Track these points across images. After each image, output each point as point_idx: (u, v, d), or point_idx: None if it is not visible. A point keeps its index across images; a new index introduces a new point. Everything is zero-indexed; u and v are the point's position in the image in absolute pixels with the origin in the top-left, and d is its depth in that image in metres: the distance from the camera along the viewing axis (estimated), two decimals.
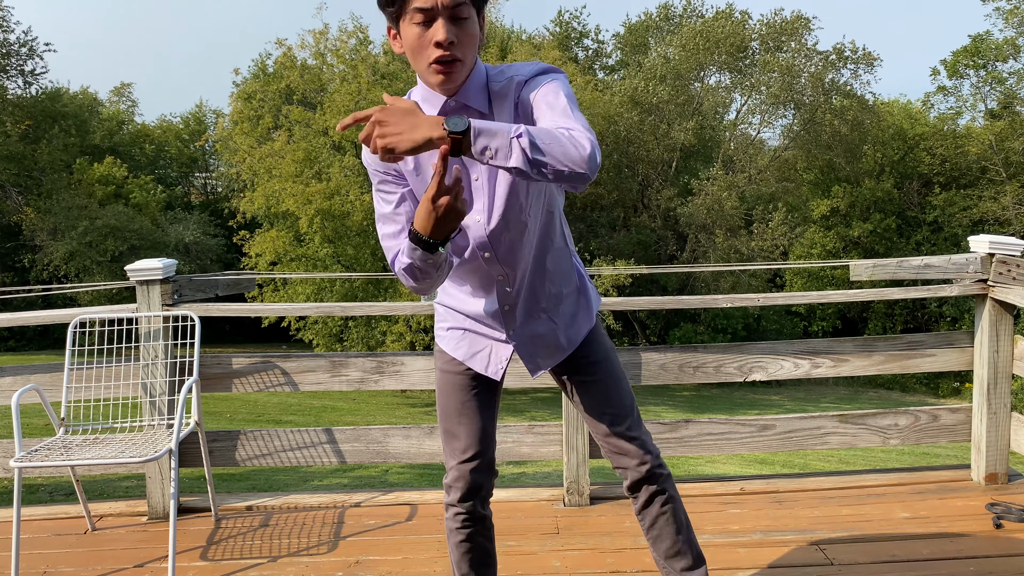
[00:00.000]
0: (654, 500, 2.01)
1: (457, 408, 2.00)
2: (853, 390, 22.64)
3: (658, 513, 2.01)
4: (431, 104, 1.75)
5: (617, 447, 2.00)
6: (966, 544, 2.75)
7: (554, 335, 1.99)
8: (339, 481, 8.15)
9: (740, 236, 24.30)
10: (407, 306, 3.42)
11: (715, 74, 26.60)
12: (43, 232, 23.41)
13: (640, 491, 2.01)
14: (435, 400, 2.08)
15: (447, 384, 2.03)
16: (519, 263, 1.88)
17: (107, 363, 3.15)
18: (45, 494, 6.69)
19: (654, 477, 1.99)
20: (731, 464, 10.34)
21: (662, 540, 2.03)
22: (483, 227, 1.80)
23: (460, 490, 1.97)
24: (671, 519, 2.02)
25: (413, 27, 1.66)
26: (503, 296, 1.93)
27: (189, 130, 33.44)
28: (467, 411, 2.00)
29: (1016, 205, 23.78)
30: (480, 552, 2.03)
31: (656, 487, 2.00)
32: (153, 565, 2.76)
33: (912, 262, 3.30)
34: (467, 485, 1.97)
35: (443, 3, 1.62)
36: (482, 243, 1.82)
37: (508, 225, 1.81)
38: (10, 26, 23.62)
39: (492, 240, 1.82)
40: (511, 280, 1.90)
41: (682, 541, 2.02)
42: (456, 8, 1.63)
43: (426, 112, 1.70)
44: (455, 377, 2.02)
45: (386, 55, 21.26)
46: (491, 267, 1.87)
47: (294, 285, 18.98)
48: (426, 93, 1.76)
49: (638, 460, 1.99)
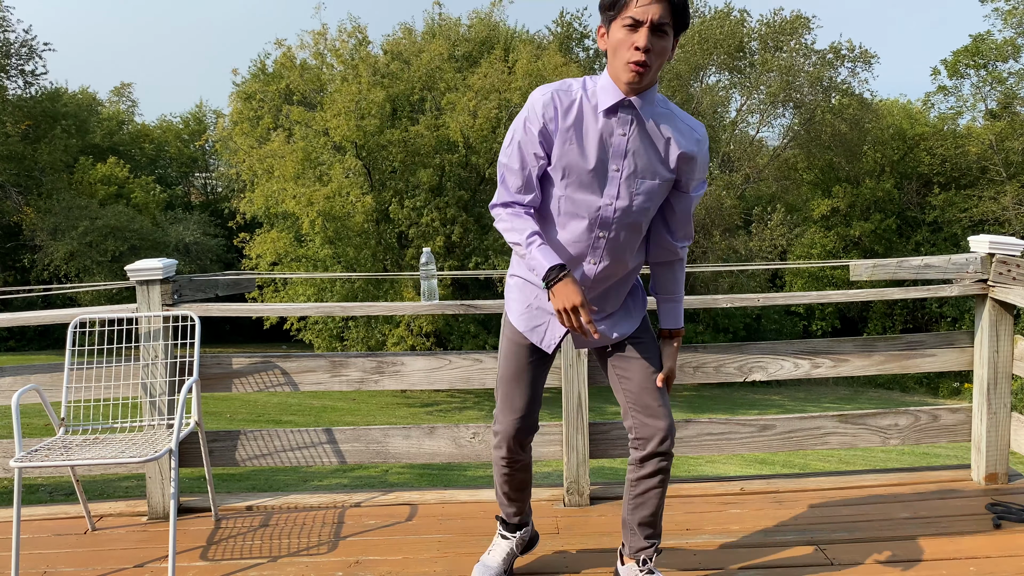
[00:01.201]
0: (656, 475, 2.30)
1: (515, 374, 2.35)
2: (853, 390, 22.64)
3: (653, 486, 2.32)
4: (609, 95, 2.06)
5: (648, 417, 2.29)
6: (966, 544, 2.75)
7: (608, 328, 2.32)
8: (339, 481, 8.16)
9: (739, 236, 24.29)
10: (407, 306, 3.42)
11: (714, 74, 26.61)
12: (43, 232, 23.40)
13: (649, 462, 2.30)
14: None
15: (510, 351, 2.36)
16: (615, 254, 2.20)
17: (107, 363, 3.15)
18: (45, 494, 6.69)
19: (667, 455, 2.29)
20: (731, 464, 10.35)
21: (644, 508, 2.35)
22: (611, 210, 2.14)
23: (505, 440, 2.38)
24: (658, 496, 2.33)
25: (622, 30, 1.99)
26: (583, 278, 2.22)
27: (189, 130, 33.43)
28: (523, 378, 2.34)
29: (1016, 205, 23.77)
30: (516, 480, 2.49)
31: (665, 464, 2.29)
32: (153, 565, 2.76)
33: (912, 262, 3.30)
34: (511, 438, 2.37)
35: (653, 18, 1.95)
36: (605, 222, 2.15)
37: (628, 219, 2.15)
38: (11, 26, 23.63)
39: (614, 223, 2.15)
40: (598, 265, 2.21)
41: (657, 516, 2.36)
42: (661, 25, 1.97)
43: (601, 102, 2.07)
44: (517, 346, 2.34)
45: (386, 55, 21.24)
46: (593, 248, 2.18)
47: (294, 286, 18.97)
48: (608, 85, 2.06)
49: (662, 435, 2.27)
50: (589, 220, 2.15)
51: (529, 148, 2.12)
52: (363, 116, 18.12)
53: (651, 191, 2.13)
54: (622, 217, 2.14)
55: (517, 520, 2.60)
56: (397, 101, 19.49)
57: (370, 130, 18.09)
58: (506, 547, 2.59)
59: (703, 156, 2.17)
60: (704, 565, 2.66)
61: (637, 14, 1.94)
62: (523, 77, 18.72)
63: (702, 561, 2.68)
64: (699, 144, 2.15)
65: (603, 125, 2.08)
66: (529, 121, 2.11)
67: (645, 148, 2.10)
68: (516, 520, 2.60)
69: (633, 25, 1.96)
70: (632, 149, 2.10)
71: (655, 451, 2.28)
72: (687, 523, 3.00)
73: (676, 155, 2.12)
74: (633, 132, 2.09)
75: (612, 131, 2.08)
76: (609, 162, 2.10)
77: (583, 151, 2.09)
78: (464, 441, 3.29)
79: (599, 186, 2.11)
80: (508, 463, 2.42)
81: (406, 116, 19.50)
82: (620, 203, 2.13)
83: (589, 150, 2.09)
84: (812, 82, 24.94)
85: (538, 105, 2.09)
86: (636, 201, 2.13)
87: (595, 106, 2.08)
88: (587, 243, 2.18)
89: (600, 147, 2.09)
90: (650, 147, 2.11)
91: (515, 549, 2.60)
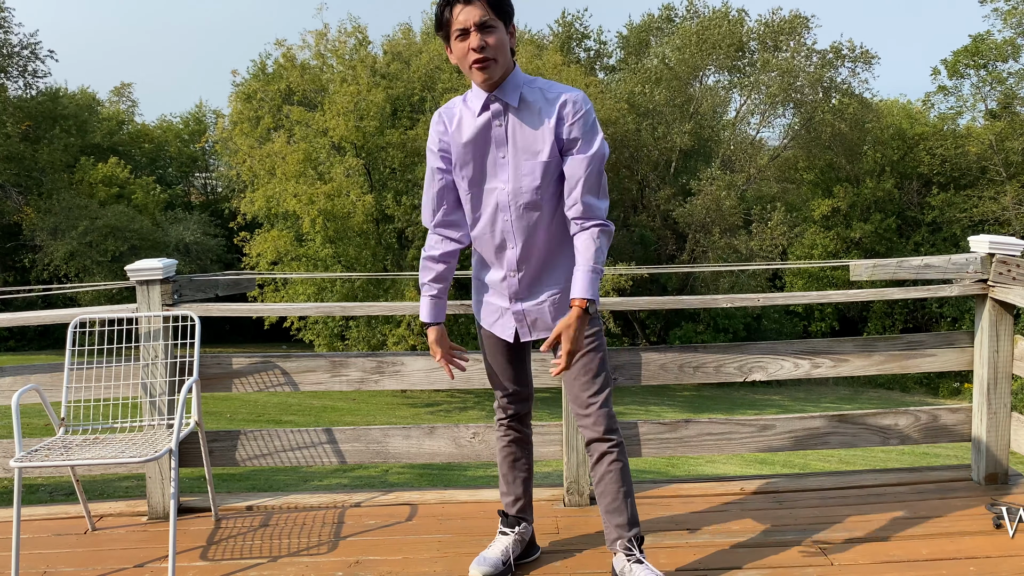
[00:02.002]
0: (602, 460, 2.48)
1: (490, 358, 2.62)
2: (853, 390, 22.64)
3: (603, 472, 2.47)
4: (477, 98, 2.36)
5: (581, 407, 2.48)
6: (966, 544, 2.75)
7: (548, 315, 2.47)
8: (339, 481, 8.16)
9: (739, 236, 24.28)
10: (407, 306, 3.42)
11: (714, 74, 26.60)
12: (43, 232, 23.39)
13: (593, 448, 2.49)
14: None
15: (482, 341, 2.64)
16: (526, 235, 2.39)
17: (107, 363, 3.15)
18: (45, 494, 6.69)
19: (604, 440, 2.46)
20: (731, 464, 10.35)
21: (604, 496, 2.48)
22: (505, 194, 2.37)
23: (500, 413, 2.69)
24: (614, 481, 2.46)
25: (457, 42, 2.28)
26: (508, 264, 2.43)
27: (189, 130, 33.42)
28: (497, 362, 2.61)
29: (1016, 205, 23.77)
30: (513, 457, 2.71)
31: (605, 448, 2.47)
32: (153, 565, 2.76)
33: (912, 262, 3.30)
34: (503, 411, 2.68)
35: (474, 22, 2.23)
36: (503, 206, 2.38)
37: (522, 199, 2.36)
38: (11, 27, 23.62)
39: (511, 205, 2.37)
40: (516, 248, 2.41)
41: (621, 500, 2.46)
42: (483, 24, 2.23)
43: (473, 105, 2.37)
44: (486, 337, 2.60)
45: (386, 55, 21.25)
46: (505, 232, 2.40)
47: (295, 285, 18.97)
48: (476, 90, 2.37)
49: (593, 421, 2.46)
50: (492, 207, 2.40)
51: (433, 165, 2.46)
52: (362, 117, 18.11)
53: (534, 169, 2.33)
54: (515, 198, 2.36)
55: (515, 511, 2.72)
56: (397, 102, 19.48)
57: (369, 131, 18.08)
58: (504, 542, 2.67)
59: (577, 115, 2.30)
60: (704, 565, 2.66)
61: (460, 23, 2.24)
62: None
63: (702, 561, 2.68)
64: (568, 105, 2.31)
65: (481, 122, 2.36)
66: (429, 144, 2.46)
67: (523, 130, 2.34)
68: (514, 510, 2.72)
69: (462, 34, 2.25)
70: (511, 134, 2.35)
71: (592, 438, 2.48)
72: (687, 523, 3.00)
73: (551, 121, 2.31)
74: (508, 120, 2.35)
75: (490, 125, 2.36)
76: (496, 151, 2.37)
77: (472, 149, 2.38)
78: (464, 441, 3.29)
79: (493, 175, 2.38)
80: (506, 434, 2.70)
81: (406, 116, 19.49)
82: (511, 185, 2.36)
83: (476, 147, 2.38)
84: (812, 82, 24.93)
85: (431, 128, 2.46)
86: (524, 182, 2.34)
87: (472, 110, 2.38)
88: (500, 229, 2.41)
89: (483, 141, 2.37)
90: (527, 126, 2.34)
91: (514, 545, 2.67)
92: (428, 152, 2.47)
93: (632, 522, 2.46)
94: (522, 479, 2.72)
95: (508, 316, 2.50)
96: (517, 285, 2.45)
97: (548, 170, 2.33)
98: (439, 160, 2.43)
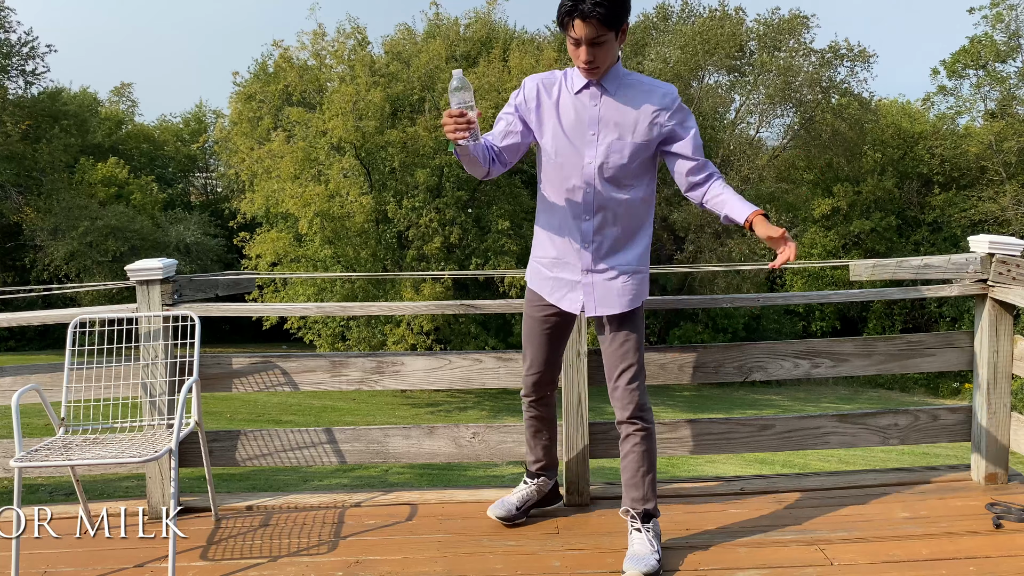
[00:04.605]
0: (627, 440, 2.67)
1: (528, 338, 2.82)
2: (853, 390, 22.63)
3: (627, 451, 2.68)
4: (579, 79, 2.58)
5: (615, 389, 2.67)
6: (966, 544, 2.75)
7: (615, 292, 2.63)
8: (339, 481, 8.16)
9: (737, 237, 24.26)
10: (407, 306, 3.42)
11: (713, 74, 26.58)
12: (43, 232, 23.37)
13: (621, 428, 2.69)
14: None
15: (526, 320, 2.83)
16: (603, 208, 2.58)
17: (107, 363, 3.14)
18: (45, 494, 6.69)
19: (632, 422, 2.65)
20: (731, 464, 10.35)
21: (625, 471, 2.69)
22: (592, 168, 2.57)
23: (525, 389, 2.90)
24: (634, 460, 2.66)
25: (572, 46, 2.49)
26: (582, 233, 2.61)
27: (189, 130, 33.39)
28: (533, 342, 2.81)
29: (1015, 205, 23.76)
30: (534, 429, 2.97)
31: (631, 430, 2.66)
32: (153, 565, 2.76)
33: (912, 262, 3.30)
34: (528, 389, 2.89)
35: (588, 37, 2.42)
36: (588, 178, 2.57)
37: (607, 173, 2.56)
38: (11, 26, 23.61)
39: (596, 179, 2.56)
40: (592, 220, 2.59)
41: (639, 478, 2.66)
42: (596, 39, 2.43)
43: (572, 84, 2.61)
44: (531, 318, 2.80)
45: (386, 55, 21.23)
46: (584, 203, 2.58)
47: (294, 286, 18.96)
48: (578, 72, 2.58)
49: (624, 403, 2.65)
50: (575, 179, 2.58)
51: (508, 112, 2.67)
52: (361, 117, 18.10)
53: (622, 148, 2.55)
54: (600, 173, 2.56)
55: (535, 468, 3.03)
56: (397, 102, 19.46)
57: (368, 131, 18.07)
58: (523, 491, 3.02)
59: (676, 106, 2.58)
60: (704, 565, 2.66)
61: (576, 35, 2.43)
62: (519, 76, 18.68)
63: (702, 561, 2.68)
64: (664, 98, 2.58)
65: (577, 101, 2.59)
66: (516, 97, 2.66)
67: (617, 111, 2.56)
68: (535, 468, 3.03)
69: (576, 42, 2.45)
70: (604, 115, 2.56)
71: (620, 419, 2.68)
72: (687, 523, 3.00)
73: (646, 108, 2.55)
74: (603, 102, 2.56)
75: (586, 105, 2.57)
76: (587, 128, 2.57)
77: (564, 122, 2.59)
78: (464, 441, 3.29)
79: (581, 150, 2.57)
80: (530, 409, 2.93)
81: (406, 116, 19.47)
82: (598, 160, 2.56)
83: (568, 121, 2.59)
84: (811, 82, 24.91)
85: (525, 87, 2.66)
86: (612, 159, 2.55)
87: (571, 87, 2.60)
88: (581, 200, 2.59)
89: (577, 117, 2.58)
90: (621, 110, 2.56)
91: (530, 494, 3.01)
92: (511, 100, 2.66)
93: (644, 498, 2.66)
94: (543, 445, 3.00)
95: (578, 289, 2.65)
96: (590, 257, 2.61)
97: (635, 151, 2.55)
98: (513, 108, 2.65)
